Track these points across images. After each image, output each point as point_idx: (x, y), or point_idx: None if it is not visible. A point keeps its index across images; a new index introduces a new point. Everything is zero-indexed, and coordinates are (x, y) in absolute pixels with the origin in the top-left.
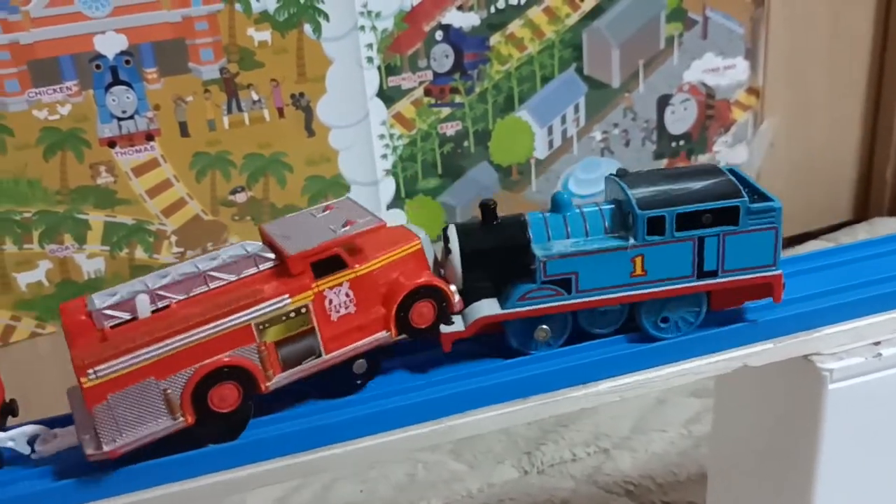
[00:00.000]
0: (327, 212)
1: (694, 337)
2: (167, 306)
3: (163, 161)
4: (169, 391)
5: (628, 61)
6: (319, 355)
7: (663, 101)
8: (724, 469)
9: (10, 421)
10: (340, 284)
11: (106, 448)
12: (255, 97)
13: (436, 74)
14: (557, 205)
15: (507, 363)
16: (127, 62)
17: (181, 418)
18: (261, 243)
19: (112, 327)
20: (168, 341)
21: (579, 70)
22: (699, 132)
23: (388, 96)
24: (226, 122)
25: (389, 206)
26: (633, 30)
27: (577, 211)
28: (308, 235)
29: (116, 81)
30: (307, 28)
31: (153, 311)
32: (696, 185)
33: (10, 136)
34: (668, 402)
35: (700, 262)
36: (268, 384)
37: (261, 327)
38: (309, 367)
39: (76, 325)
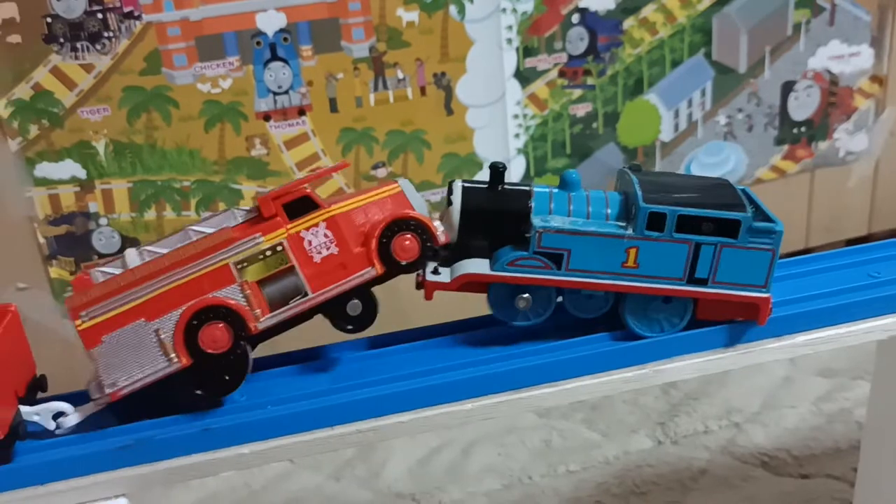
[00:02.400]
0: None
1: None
2: (153, 259)
3: (312, 135)
4: (161, 333)
5: (755, 47)
6: (305, 294)
7: (787, 87)
8: (880, 441)
9: (39, 396)
10: (317, 225)
11: (108, 390)
12: (401, 76)
13: (570, 57)
14: (565, 183)
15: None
16: (285, 39)
17: (175, 359)
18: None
19: (104, 280)
20: (150, 282)
21: (707, 55)
22: (821, 119)
23: (524, 77)
24: (372, 100)
25: None
26: (762, 16)
27: (584, 192)
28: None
29: (274, 57)
30: (452, 9)
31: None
32: (705, 193)
33: (176, 107)
34: (796, 381)
35: (692, 268)
36: (256, 324)
37: (240, 266)
38: (296, 304)
39: (80, 286)
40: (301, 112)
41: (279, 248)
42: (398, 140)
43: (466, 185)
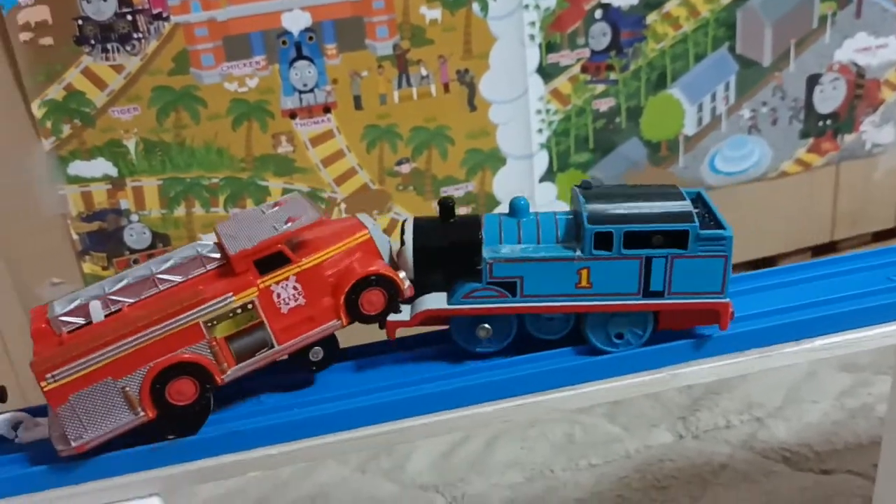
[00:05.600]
0: (276, 208)
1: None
2: (119, 310)
3: (337, 132)
4: (127, 389)
5: (780, 40)
6: (272, 346)
7: (813, 80)
8: None
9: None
10: (287, 279)
11: (74, 444)
12: (424, 73)
13: (593, 52)
14: (514, 210)
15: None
16: (310, 38)
17: (142, 413)
18: (211, 244)
19: (69, 332)
20: (118, 344)
21: (731, 49)
22: (847, 112)
23: (546, 73)
24: (396, 97)
25: (542, 180)
26: (787, 8)
27: (533, 217)
28: (252, 234)
29: (300, 56)
30: (475, 6)
31: (106, 315)
32: (652, 205)
33: (204, 106)
34: (818, 376)
35: (646, 282)
36: (223, 376)
37: (209, 324)
38: (262, 357)
39: (38, 332)
40: (326, 110)
41: (249, 306)
42: (422, 136)
43: (417, 222)
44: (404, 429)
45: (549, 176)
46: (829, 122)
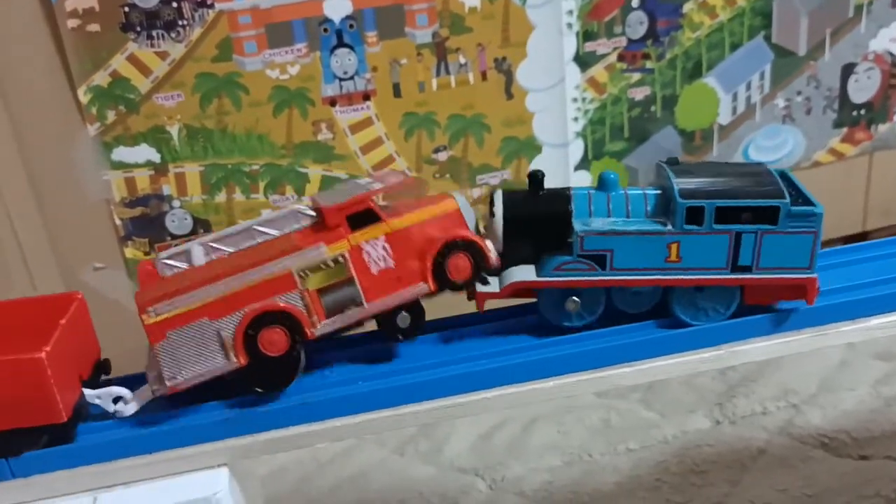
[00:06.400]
0: (370, 179)
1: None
2: (219, 257)
3: (376, 120)
4: (222, 332)
5: (816, 29)
6: (361, 304)
7: (847, 70)
8: None
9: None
10: (377, 238)
11: (168, 383)
12: (462, 61)
13: (629, 41)
14: (604, 183)
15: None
16: (351, 26)
17: (234, 359)
18: (310, 207)
19: (171, 275)
20: (216, 284)
21: (767, 38)
22: (881, 101)
23: (583, 61)
24: (434, 84)
25: (577, 168)
26: None
27: (622, 192)
28: (346, 195)
29: (340, 44)
30: None
31: (207, 261)
32: (742, 182)
33: (246, 93)
34: (853, 364)
35: (735, 257)
36: (313, 330)
37: (302, 275)
38: (351, 315)
39: (145, 275)
40: (366, 97)
41: (340, 260)
42: (459, 124)
43: (507, 194)
44: (468, 403)
45: (584, 164)
46: (862, 111)
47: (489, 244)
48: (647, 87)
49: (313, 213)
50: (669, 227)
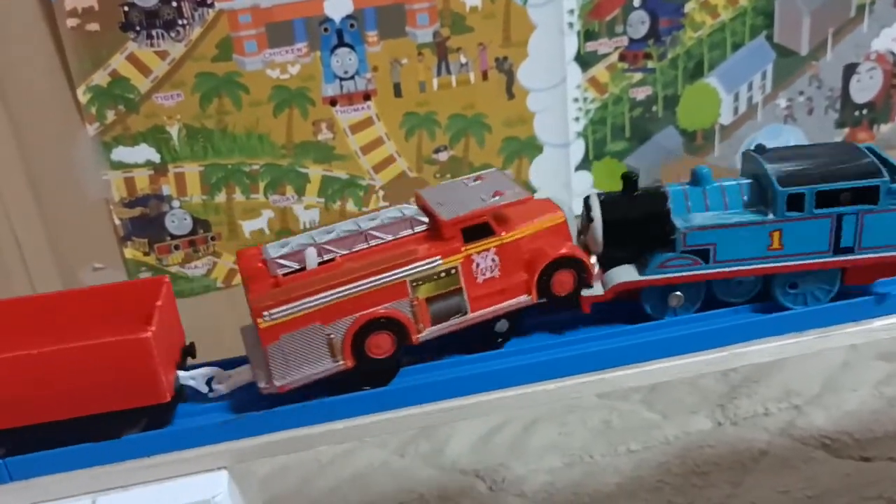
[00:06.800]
0: (478, 182)
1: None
2: (332, 259)
3: (376, 119)
4: (332, 336)
5: (818, 29)
6: (465, 313)
7: (849, 70)
8: None
9: (189, 362)
10: (487, 250)
11: (277, 383)
12: (463, 60)
13: (631, 40)
14: (697, 178)
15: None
16: (351, 26)
17: (341, 361)
18: (416, 207)
19: (284, 275)
20: (333, 291)
21: (769, 37)
22: (883, 101)
23: (584, 61)
24: (435, 84)
25: (578, 168)
26: None
27: (717, 185)
28: (461, 203)
29: (341, 44)
30: None
31: (319, 263)
32: (836, 163)
33: (246, 93)
34: (855, 365)
35: (837, 239)
36: (418, 336)
37: (414, 284)
38: (455, 323)
39: (252, 271)
40: (366, 97)
41: (452, 271)
42: (459, 124)
43: (603, 197)
44: (485, 402)
45: (585, 164)
46: (865, 111)
47: (592, 259)
48: (648, 87)
49: (424, 220)
50: (770, 215)
